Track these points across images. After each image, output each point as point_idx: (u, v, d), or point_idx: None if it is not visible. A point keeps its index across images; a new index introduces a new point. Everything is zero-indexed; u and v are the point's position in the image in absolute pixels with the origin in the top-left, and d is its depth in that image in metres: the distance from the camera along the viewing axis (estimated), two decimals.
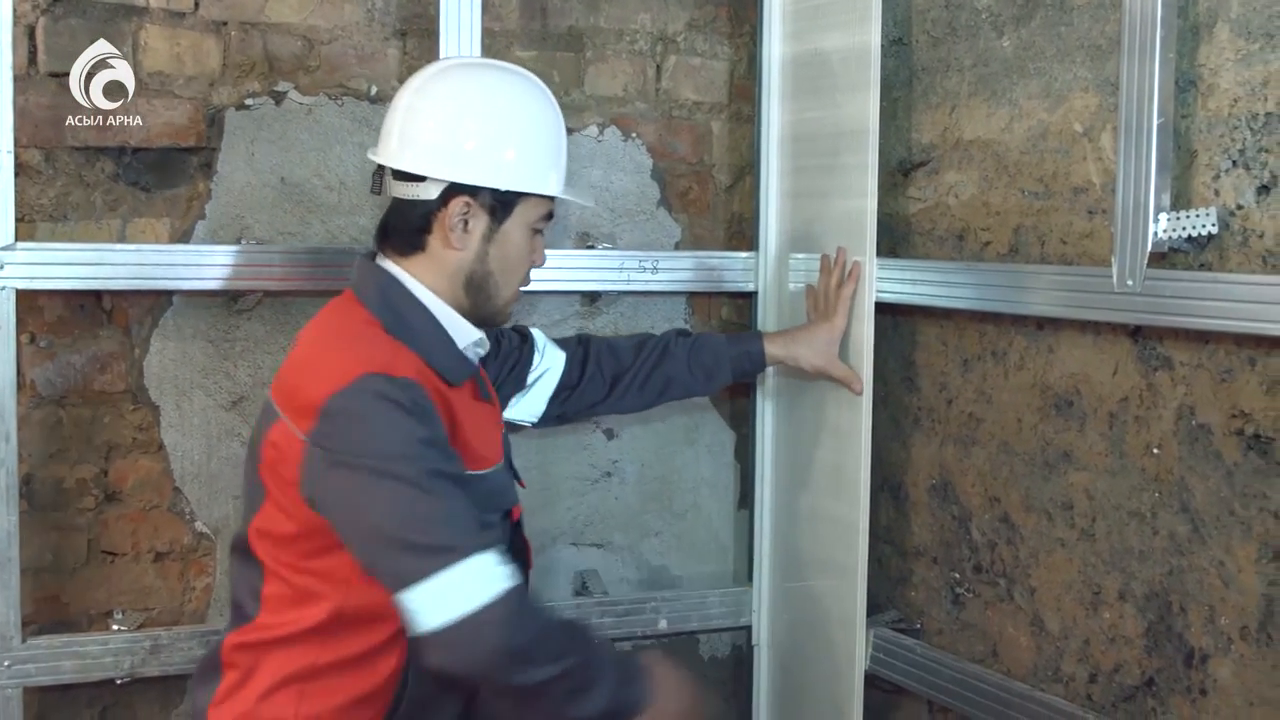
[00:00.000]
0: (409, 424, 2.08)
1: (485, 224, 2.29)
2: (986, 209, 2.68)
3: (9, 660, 2.66)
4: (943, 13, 2.79)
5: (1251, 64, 2.13)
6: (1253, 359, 2.14)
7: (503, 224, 2.31)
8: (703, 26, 3.35)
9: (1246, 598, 2.17)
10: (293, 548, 2.19)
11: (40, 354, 2.84)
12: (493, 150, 2.28)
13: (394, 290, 2.29)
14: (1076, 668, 2.51)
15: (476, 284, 2.32)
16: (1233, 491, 2.19)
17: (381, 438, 2.07)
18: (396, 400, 2.08)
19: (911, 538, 2.94)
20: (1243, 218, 2.15)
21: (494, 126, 2.29)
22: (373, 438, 2.07)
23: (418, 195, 2.28)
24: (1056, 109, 2.51)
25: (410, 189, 2.29)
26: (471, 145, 2.27)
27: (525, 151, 2.31)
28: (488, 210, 2.29)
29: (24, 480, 2.79)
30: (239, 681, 2.23)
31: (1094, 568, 2.46)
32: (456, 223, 2.27)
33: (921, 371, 2.88)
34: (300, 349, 2.28)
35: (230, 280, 2.80)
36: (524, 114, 2.33)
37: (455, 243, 2.28)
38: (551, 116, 2.37)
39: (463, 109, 2.29)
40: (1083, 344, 2.46)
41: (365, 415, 2.08)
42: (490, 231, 2.30)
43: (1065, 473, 2.51)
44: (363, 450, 2.06)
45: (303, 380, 2.17)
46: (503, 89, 2.34)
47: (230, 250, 2.82)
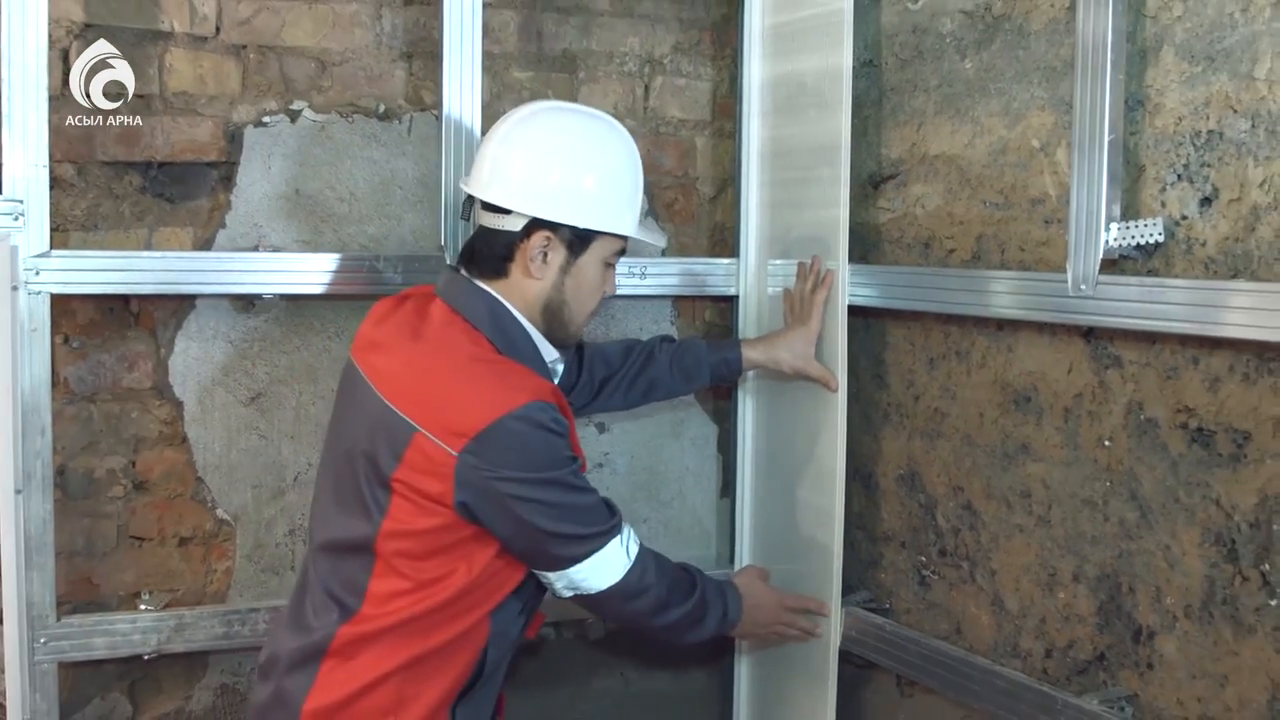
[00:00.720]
0: (560, 443, 2.24)
1: (563, 257, 2.34)
2: (951, 219, 2.68)
3: (45, 637, 2.65)
4: (910, 37, 2.79)
5: (1195, 85, 2.14)
6: (1196, 358, 2.15)
7: (579, 257, 2.36)
8: (687, 49, 3.35)
9: (1190, 579, 2.18)
10: (418, 544, 2.24)
11: (73, 354, 2.84)
12: (574, 190, 2.32)
13: (500, 312, 2.35)
14: (1034, 644, 2.52)
15: (553, 311, 2.38)
16: (1178, 481, 2.19)
17: (541, 458, 2.22)
18: (551, 425, 2.21)
19: (881, 524, 2.94)
20: (1187, 227, 2.15)
21: (577, 168, 2.34)
22: (533, 458, 2.21)
23: (503, 226, 2.33)
24: (1015, 126, 2.52)
25: (497, 220, 2.34)
26: (555, 184, 2.32)
27: (604, 192, 2.35)
28: (566, 244, 2.34)
29: (58, 471, 2.78)
30: (343, 670, 2.26)
31: (1050, 551, 2.46)
32: (537, 254, 2.32)
33: (891, 370, 2.89)
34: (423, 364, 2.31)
35: (249, 285, 2.80)
36: (605, 157, 2.38)
37: (535, 272, 2.33)
38: (629, 160, 2.42)
39: (550, 149, 2.35)
40: (1039, 344, 2.47)
41: (527, 440, 2.20)
42: (567, 264, 2.35)
43: (1023, 464, 2.52)
44: (524, 467, 2.20)
45: (454, 406, 2.21)
46: (588, 133, 2.39)
47: (249, 257, 2.83)
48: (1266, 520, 2.04)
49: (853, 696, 2.99)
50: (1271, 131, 2.01)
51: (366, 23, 3.01)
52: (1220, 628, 2.13)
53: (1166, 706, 2.23)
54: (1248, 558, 2.08)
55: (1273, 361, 2.02)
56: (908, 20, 2.80)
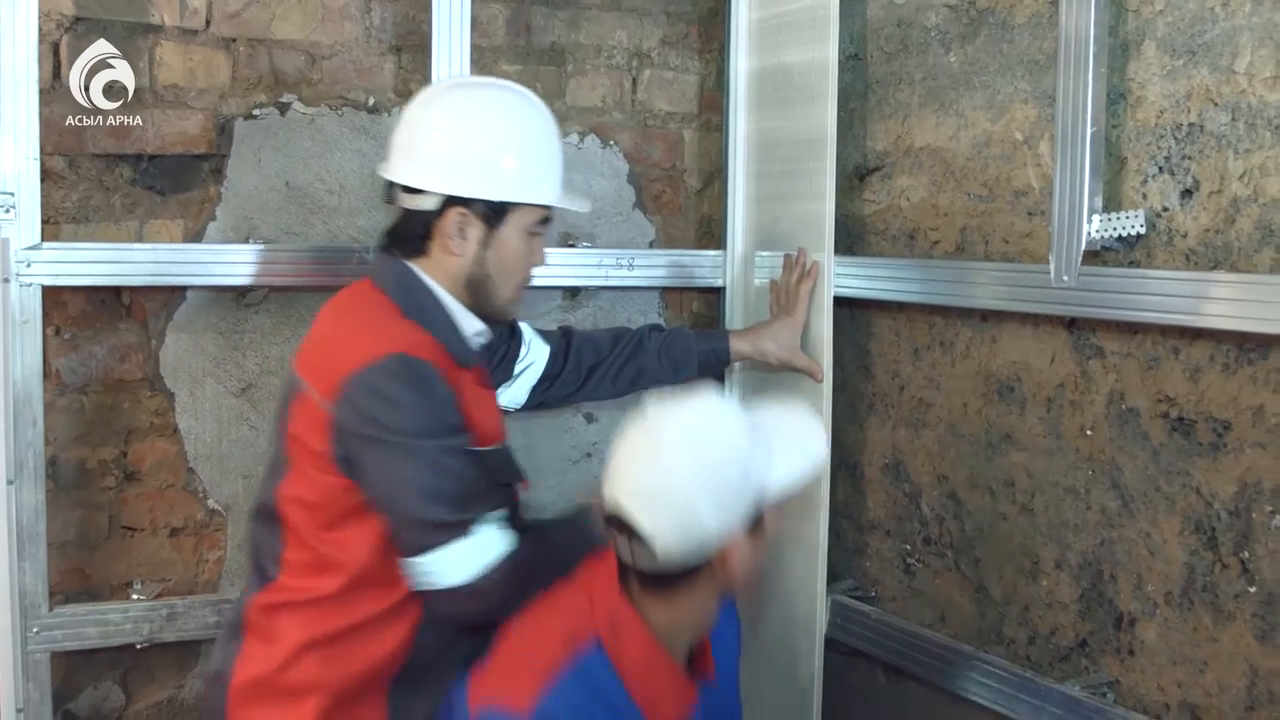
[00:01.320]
0: (427, 404, 2.14)
1: (481, 231, 2.29)
2: (935, 211, 2.70)
3: (38, 627, 2.66)
4: (895, 30, 2.80)
5: (1176, 79, 2.15)
6: (1177, 348, 2.16)
7: (497, 230, 2.30)
8: (675, 43, 3.36)
9: (1171, 566, 2.19)
10: (316, 514, 2.21)
11: (65, 345, 2.84)
12: (484, 164, 2.28)
13: (409, 279, 2.30)
14: (1017, 631, 2.53)
15: (476, 285, 2.32)
16: (1158, 469, 2.21)
17: (404, 416, 2.13)
18: (417, 380, 2.13)
19: (867, 513, 2.95)
20: (1168, 219, 2.17)
21: (485, 141, 2.29)
22: (396, 415, 2.12)
23: (419, 206, 2.28)
24: (999, 119, 2.53)
25: (413, 200, 2.30)
26: (464, 159, 2.27)
27: (515, 163, 2.31)
28: (482, 219, 2.28)
29: (50, 462, 2.79)
30: (262, 645, 2.24)
31: (1033, 540, 2.48)
32: (454, 231, 2.27)
33: (876, 360, 2.90)
34: (323, 327, 2.32)
35: (239, 277, 2.81)
36: (513, 128, 2.33)
37: (454, 249, 2.28)
38: (541, 128, 2.37)
39: (456, 125, 2.30)
40: (1023, 335, 2.48)
41: (389, 393, 2.12)
42: (486, 238, 2.30)
43: (1007, 453, 2.53)
44: (387, 426, 2.12)
45: (329, 357, 2.20)
46: (493, 106, 2.34)
47: (239, 249, 2.83)
48: (1246, 508, 2.06)
49: (838, 684, 3.00)
50: (1251, 124, 2.03)
51: (356, 16, 3.01)
52: (1200, 614, 2.15)
53: (1147, 692, 2.25)
54: (1227, 545, 2.09)
55: (1252, 352, 2.04)
56: (893, 14, 2.81)
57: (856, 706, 3.00)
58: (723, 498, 1.88)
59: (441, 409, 2.16)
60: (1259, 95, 2.02)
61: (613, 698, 1.93)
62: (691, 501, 1.86)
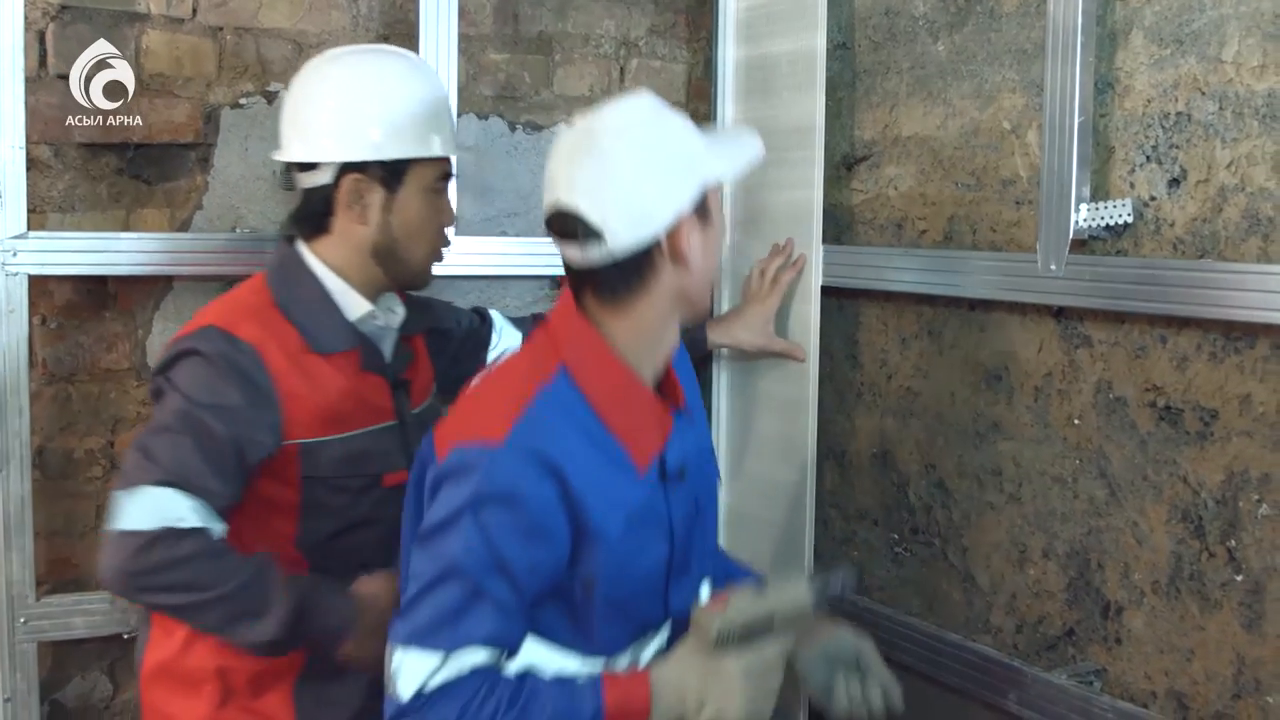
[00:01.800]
0: (212, 380, 2.11)
1: (381, 196, 2.25)
2: (923, 200, 2.69)
3: (25, 617, 2.65)
4: (883, 19, 2.79)
5: (1163, 68, 2.15)
6: (1164, 337, 2.16)
7: (398, 193, 2.26)
8: (663, 32, 3.35)
9: (1158, 555, 2.20)
10: None
11: (51, 335, 2.83)
12: (368, 126, 2.23)
13: (290, 265, 2.28)
14: (1004, 619, 2.54)
15: (384, 253, 2.28)
16: (1146, 458, 2.21)
17: (185, 382, 2.10)
18: (215, 356, 2.11)
19: (854, 501, 2.95)
20: (1155, 208, 2.16)
21: (364, 103, 2.24)
22: (182, 379, 2.10)
23: (316, 181, 2.25)
24: (987, 108, 2.52)
25: (309, 177, 2.26)
26: (352, 124, 2.23)
27: (400, 120, 2.26)
28: (380, 182, 2.24)
29: (37, 451, 2.78)
30: (162, 631, 2.23)
31: (1020, 529, 2.48)
32: (353, 200, 2.24)
33: (864, 349, 2.90)
34: None
35: (226, 266, 2.79)
36: (396, 86, 2.28)
37: (356, 218, 2.25)
38: (419, 82, 2.33)
39: (338, 92, 2.26)
40: (1010, 323, 2.48)
41: (187, 361, 2.12)
42: (388, 202, 2.26)
43: (994, 442, 2.53)
44: (175, 385, 2.11)
45: None
46: (372, 68, 2.30)
47: (226, 238, 2.83)
48: (1233, 497, 2.06)
49: None
50: (1239, 114, 2.03)
51: (343, 5, 3.00)
52: (1187, 603, 2.15)
53: (1134, 680, 2.25)
54: (1214, 534, 2.10)
55: (1239, 340, 2.04)
56: (880, 3, 2.80)
57: None
58: (664, 175, 1.88)
59: (224, 390, 2.11)
60: (1246, 84, 2.01)
61: (581, 416, 1.89)
62: (634, 181, 1.85)
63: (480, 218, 3.15)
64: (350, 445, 2.25)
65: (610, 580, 1.90)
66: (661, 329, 1.95)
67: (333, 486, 2.23)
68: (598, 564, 1.87)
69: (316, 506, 2.23)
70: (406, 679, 1.78)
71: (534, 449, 1.81)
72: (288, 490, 2.20)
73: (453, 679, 1.78)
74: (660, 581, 1.99)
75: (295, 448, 2.18)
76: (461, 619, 1.79)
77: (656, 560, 1.97)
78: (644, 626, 2.00)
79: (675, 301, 1.94)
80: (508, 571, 1.80)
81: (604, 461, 1.89)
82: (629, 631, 1.98)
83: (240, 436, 2.10)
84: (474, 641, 1.79)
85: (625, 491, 1.91)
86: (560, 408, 1.88)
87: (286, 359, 2.17)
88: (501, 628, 1.81)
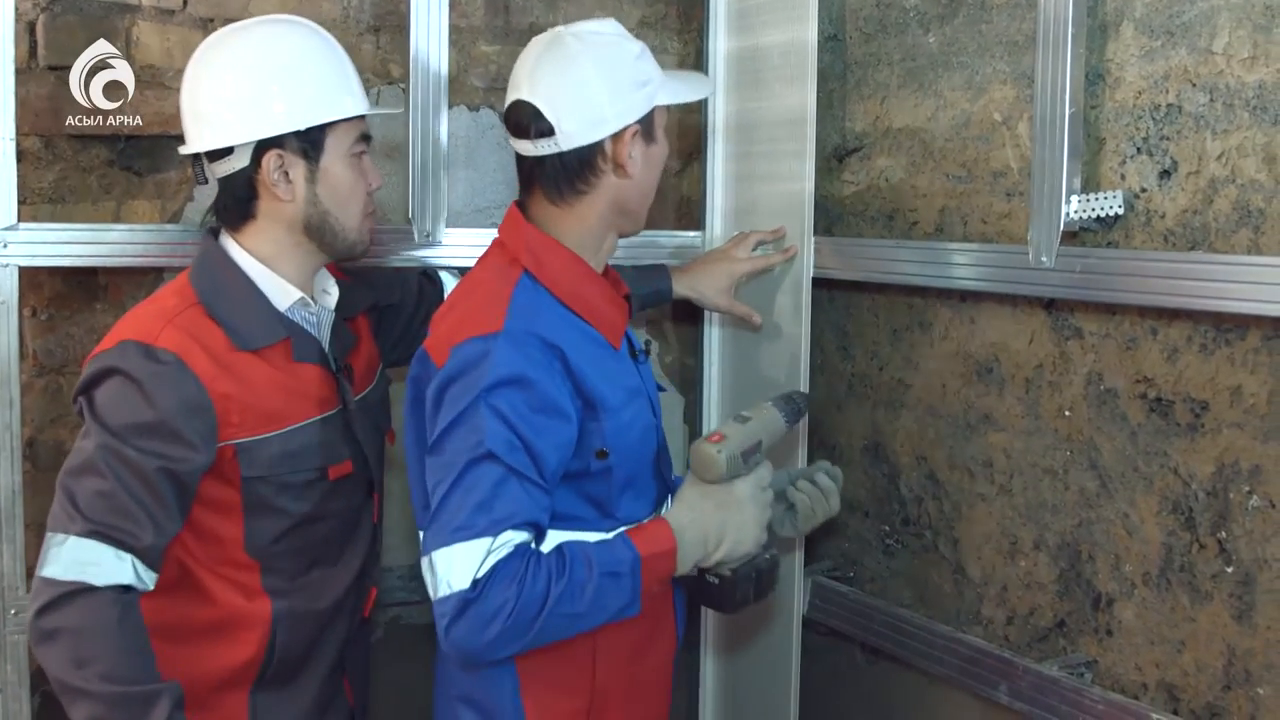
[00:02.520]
0: (133, 402, 2.06)
1: (303, 168, 2.20)
2: (914, 191, 2.69)
3: (15, 609, 2.64)
4: (874, 11, 2.79)
5: (1154, 59, 2.14)
6: (1155, 329, 2.16)
7: (319, 162, 2.21)
8: (654, 23, 3.34)
9: (1149, 547, 2.19)
10: None
11: (41, 326, 2.83)
12: (279, 95, 2.18)
13: (213, 259, 2.23)
14: (995, 611, 2.53)
15: (316, 227, 2.24)
16: (1136, 450, 2.21)
17: (106, 409, 2.06)
18: (134, 373, 2.05)
19: (846, 493, 2.92)
20: (1146, 200, 2.16)
21: (264, 75, 2.19)
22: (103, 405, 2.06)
23: (234, 167, 2.20)
24: (978, 100, 2.52)
25: (225, 165, 2.21)
26: (258, 99, 2.18)
27: (306, 84, 2.21)
28: (300, 154, 2.19)
29: (27, 443, 2.77)
30: None
31: (1011, 520, 2.48)
32: (276, 177, 2.18)
33: (855, 341, 2.89)
34: None
35: None
36: (293, 51, 2.23)
37: (282, 195, 2.19)
38: (316, 43, 2.27)
39: (231, 72, 2.20)
40: (1001, 315, 2.48)
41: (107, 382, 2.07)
42: (311, 174, 2.21)
43: (985, 434, 2.53)
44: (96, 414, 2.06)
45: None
46: (257, 39, 2.24)
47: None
48: (1223, 489, 2.06)
49: (817, 664, 3.00)
50: (1229, 105, 2.02)
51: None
52: (1178, 594, 2.15)
53: (1125, 672, 2.25)
54: (1204, 526, 2.09)
55: (1230, 332, 2.03)
56: None
57: (834, 687, 3.00)
58: (619, 87, 2.10)
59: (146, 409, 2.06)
60: (1237, 76, 2.01)
61: (550, 305, 2.09)
62: (591, 87, 2.08)
63: (471, 208, 3.14)
64: (289, 441, 2.21)
65: (620, 451, 2.09)
66: (602, 232, 2.19)
67: (275, 485, 2.19)
68: (607, 434, 2.07)
69: (260, 507, 2.19)
70: (459, 571, 1.88)
71: (531, 331, 2.00)
72: (230, 493, 2.17)
73: (502, 560, 1.88)
74: (652, 452, 2.22)
75: (231, 449, 2.14)
76: (496, 502, 1.90)
77: (646, 428, 2.20)
78: (653, 500, 2.20)
79: (613, 207, 2.17)
80: (531, 450, 1.95)
81: (586, 340, 2.11)
82: (644, 506, 2.18)
83: (170, 461, 2.06)
84: (514, 521, 1.91)
85: (611, 364, 2.14)
86: (536, 300, 2.07)
87: (212, 361, 2.12)
88: (533, 506, 1.94)
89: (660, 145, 2.21)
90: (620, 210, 2.18)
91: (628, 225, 2.23)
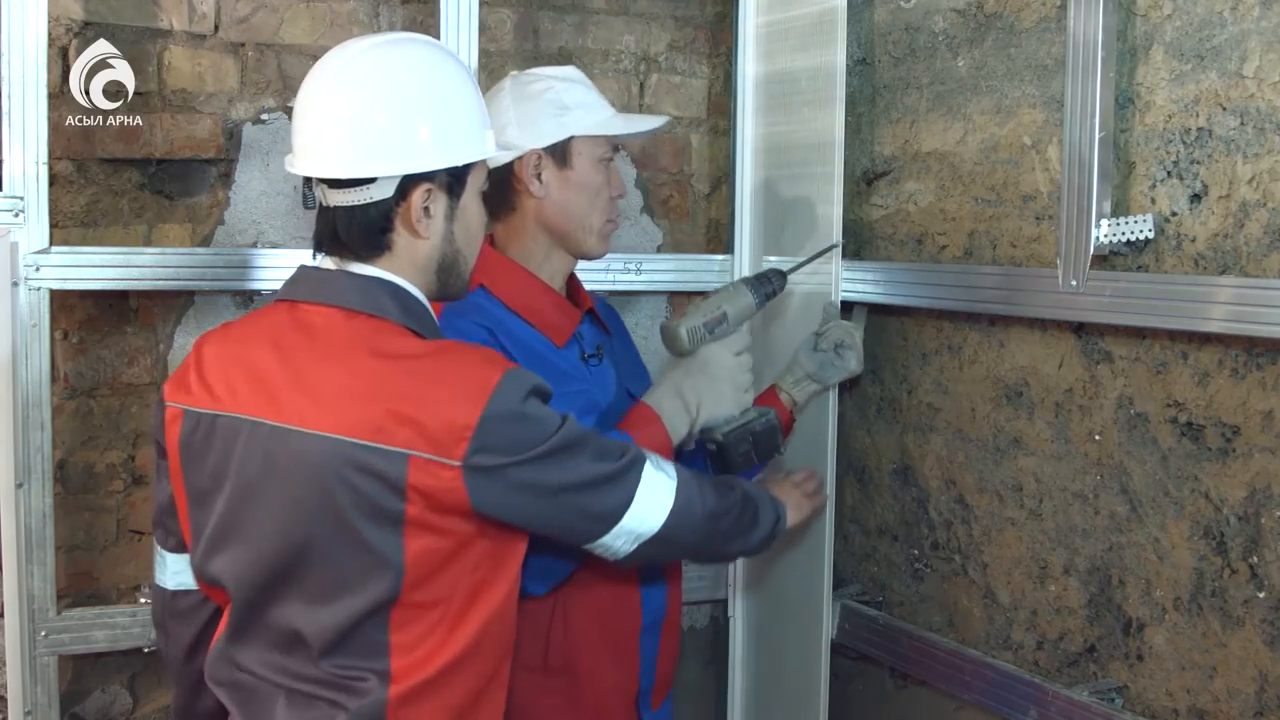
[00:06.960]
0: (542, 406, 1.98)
1: (445, 204, 2.04)
2: (943, 215, 2.69)
3: (46, 630, 2.65)
4: (903, 35, 2.80)
5: (1184, 83, 2.14)
6: (1185, 353, 2.15)
7: (460, 199, 2.06)
8: (682, 47, 3.36)
9: (1179, 571, 2.19)
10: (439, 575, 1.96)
11: (73, 349, 2.84)
12: (439, 129, 2.02)
13: (404, 296, 2.03)
14: (1025, 636, 2.53)
15: (448, 265, 2.08)
16: (1167, 475, 2.20)
17: (540, 423, 1.94)
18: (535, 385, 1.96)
19: (875, 517, 2.95)
20: (1176, 224, 2.16)
21: (420, 105, 2.01)
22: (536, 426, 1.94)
23: (371, 197, 1.98)
24: (1006, 123, 2.52)
25: (359, 194, 1.99)
26: (406, 131, 1.99)
27: (462, 118, 2.06)
28: (445, 190, 2.03)
29: (58, 465, 2.79)
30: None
31: (1041, 545, 2.47)
32: (420, 212, 2.01)
33: (884, 364, 2.89)
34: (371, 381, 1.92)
35: (247, 281, 2.80)
36: (440, 81, 2.06)
37: (423, 232, 2.02)
38: (467, 76, 2.11)
39: (395, 95, 2.01)
40: (1031, 339, 2.47)
41: (521, 411, 1.93)
42: (451, 211, 2.05)
43: (1015, 458, 2.52)
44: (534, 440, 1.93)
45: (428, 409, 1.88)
46: (418, 61, 2.06)
47: (247, 253, 2.83)
48: (1255, 513, 2.05)
49: (845, 689, 3.00)
50: (1260, 129, 2.02)
51: (364, 20, 3.01)
52: (1209, 620, 2.14)
53: (1156, 697, 2.24)
54: (1236, 550, 2.09)
55: (1261, 356, 2.03)
56: (900, 18, 2.80)
57: (864, 711, 3.00)
58: (525, 117, 2.35)
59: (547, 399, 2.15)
60: (1267, 99, 2.01)
61: (494, 308, 2.34)
62: (504, 114, 2.35)
63: None
64: None
65: None
66: (541, 250, 2.41)
67: None
68: None
69: None
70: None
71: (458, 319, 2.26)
72: None
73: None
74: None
75: None
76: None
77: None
78: None
79: (539, 226, 2.39)
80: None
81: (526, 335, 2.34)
82: None
83: None
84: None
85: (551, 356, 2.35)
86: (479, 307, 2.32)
87: None
88: None
89: (580, 172, 2.39)
90: (549, 229, 2.40)
91: (570, 245, 2.43)
